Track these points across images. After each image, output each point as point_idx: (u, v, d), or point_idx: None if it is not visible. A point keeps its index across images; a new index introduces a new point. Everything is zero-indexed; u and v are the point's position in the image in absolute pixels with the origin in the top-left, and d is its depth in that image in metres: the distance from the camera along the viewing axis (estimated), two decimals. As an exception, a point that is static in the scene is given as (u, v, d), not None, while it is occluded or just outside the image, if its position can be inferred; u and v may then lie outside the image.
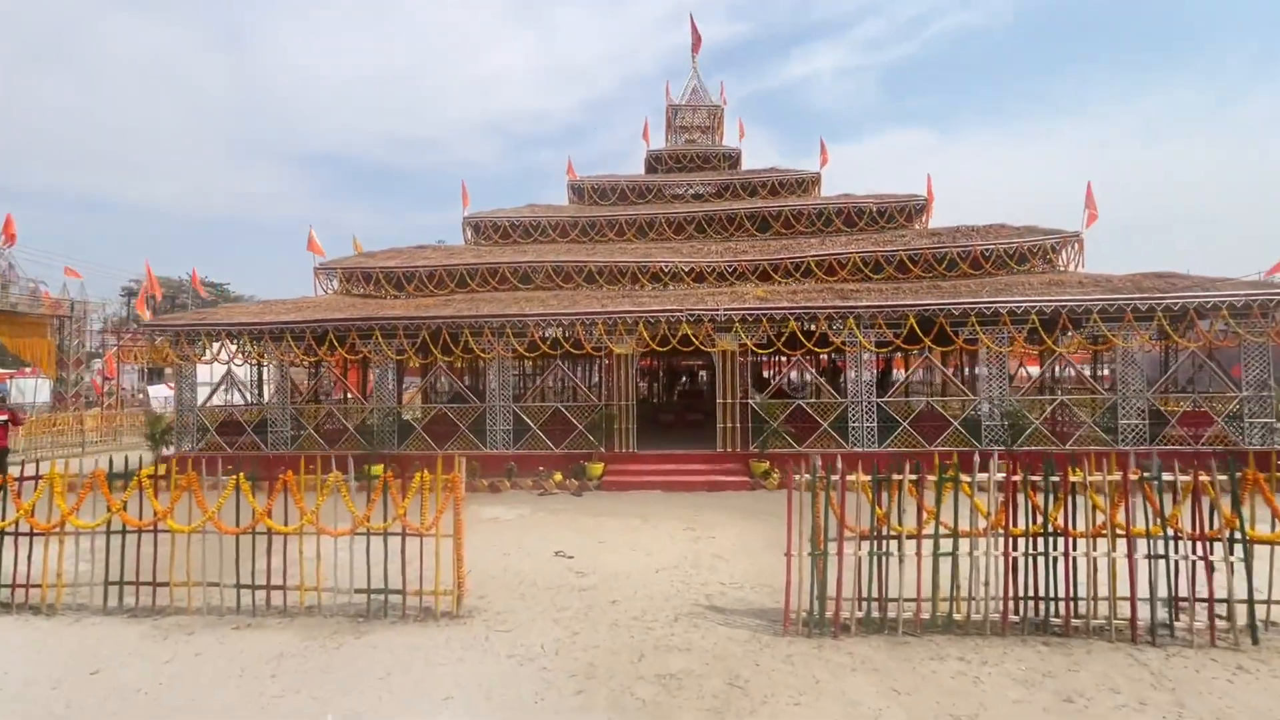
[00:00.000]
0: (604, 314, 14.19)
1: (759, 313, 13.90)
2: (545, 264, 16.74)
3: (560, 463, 14.25)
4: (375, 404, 14.93)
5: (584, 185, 20.69)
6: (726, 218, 18.59)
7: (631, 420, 14.43)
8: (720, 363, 14.28)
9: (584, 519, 10.89)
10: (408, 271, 16.97)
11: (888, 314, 13.69)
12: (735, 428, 14.20)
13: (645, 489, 13.18)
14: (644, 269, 16.54)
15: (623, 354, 14.37)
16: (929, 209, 17.97)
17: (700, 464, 14.05)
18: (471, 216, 19.18)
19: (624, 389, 14.46)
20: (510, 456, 14.35)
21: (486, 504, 12.26)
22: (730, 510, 11.36)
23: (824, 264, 16.20)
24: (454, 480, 6.61)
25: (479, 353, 14.44)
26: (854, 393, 14.00)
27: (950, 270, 15.79)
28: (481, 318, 14.39)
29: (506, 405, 14.63)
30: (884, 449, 13.81)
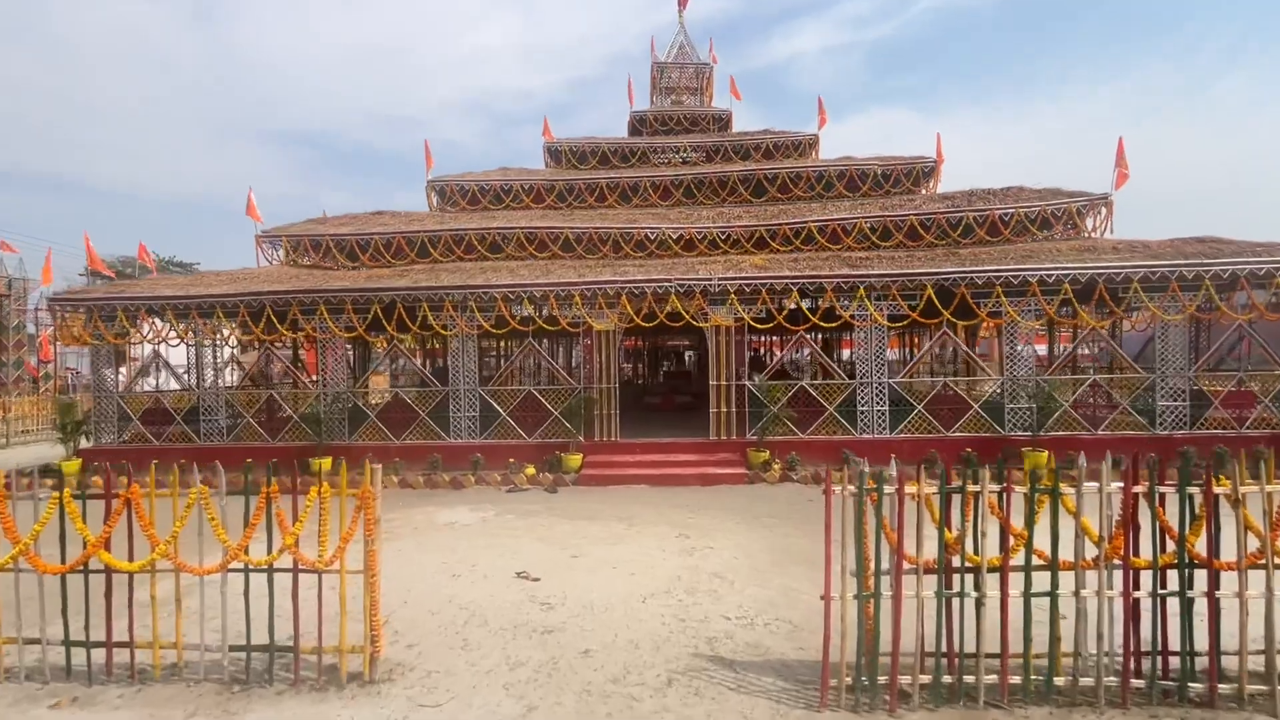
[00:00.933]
0: (582, 285, 12.29)
1: (757, 283, 12.07)
2: (517, 231, 14.75)
3: (533, 454, 12.41)
4: (323, 389, 12.94)
5: (561, 148, 18.63)
6: (718, 181, 16.66)
7: (614, 405, 12.60)
8: (713, 340, 12.46)
9: (557, 523, 9.07)
10: (362, 239, 14.90)
11: (902, 284, 11.92)
12: (730, 412, 12.43)
13: (630, 483, 11.39)
14: (627, 236, 14.61)
15: (604, 331, 12.50)
16: (938, 172, 16.17)
17: (691, 454, 12.28)
18: (436, 180, 17.08)
19: (605, 370, 12.61)
20: (476, 447, 12.48)
21: (446, 504, 10.40)
22: (728, 510, 9.61)
23: (826, 230, 14.37)
24: (364, 495, 4.73)
25: (439, 329, 12.50)
26: (863, 373, 12.26)
27: (966, 237, 14.04)
28: (442, 289, 12.42)
29: (472, 389, 12.72)
30: (896, 435, 12.12)
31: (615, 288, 12.25)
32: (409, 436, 12.76)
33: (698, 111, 20.33)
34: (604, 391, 12.60)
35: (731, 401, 12.43)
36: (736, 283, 12.08)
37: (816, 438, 12.23)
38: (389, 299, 12.49)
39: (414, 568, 7.22)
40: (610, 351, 12.63)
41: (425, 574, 7.00)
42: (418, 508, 10.21)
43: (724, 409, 12.43)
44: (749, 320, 12.18)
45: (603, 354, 12.63)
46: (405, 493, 11.43)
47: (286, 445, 12.84)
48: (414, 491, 11.50)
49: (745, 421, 12.39)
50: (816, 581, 6.35)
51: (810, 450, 12.14)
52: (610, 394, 12.61)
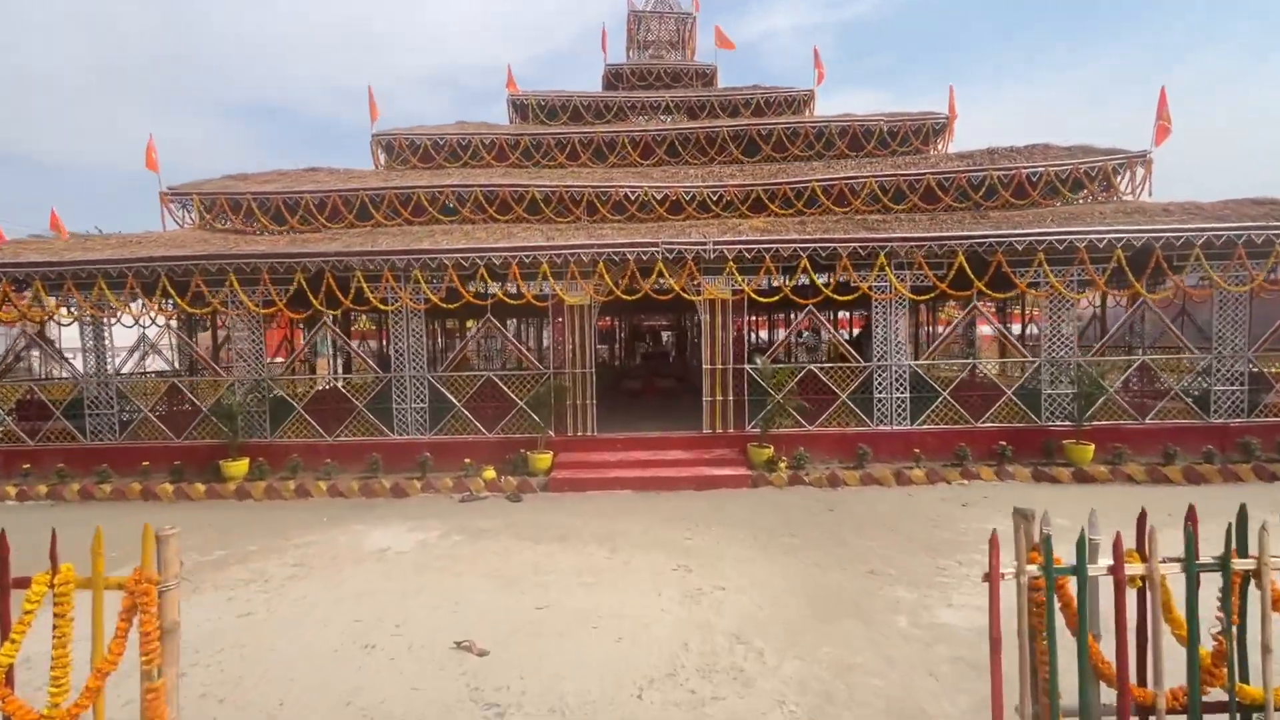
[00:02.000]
0: (550, 249, 10.04)
1: (760, 248, 9.96)
2: (474, 189, 12.37)
3: (493, 452, 10.22)
4: (240, 376, 10.51)
5: (528, 102, 16.18)
6: (705, 138, 14.44)
7: (589, 393, 10.45)
8: (707, 317, 10.36)
9: (518, 549, 6.94)
10: (290, 198, 12.37)
11: (930, 249, 9.93)
12: (727, 401, 10.37)
13: (610, 488, 9.29)
14: (603, 196, 12.35)
15: (577, 305, 10.30)
16: (950, 129, 14.19)
17: (683, 450, 10.21)
18: (382, 134, 14.52)
19: (579, 352, 10.43)
20: (425, 445, 10.24)
21: (381, 520, 8.17)
22: (734, 525, 7.58)
23: (832, 191, 12.31)
24: (137, 588, 2.51)
25: (377, 303, 10.14)
26: (880, 355, 10.29)
27: (989, 199, 12.11)
28: (380, 255, 10.06)
29: (420, 376, 10.43)
30: (918, 427, 10.21)
31: (591, 254, 10.04)
32: (344, 433, 10.45)
33: (680, 66, 17.99)
34: (578, 377, 10.43)
35: (728, 389, 10.37)
36: (736, 247, 9.96)
37: (827, 430, 10.27)
38: (315, 267, 10.09)
39: (311, 633, 5.03)
40: (585, 330, 10.44)
41: (324, 644, 4.81)
42: (345, 526, 7.97)
43: (720, 397, 10.37)
44: (750, 293, 10.08)
45: (576, 333, 10.43)
46: (335, 504, 9.15)
47: (194, 444, 10.44)
48: (346, 502, 9.23)
49: (745, 412, 10.36)
50: (881, 648, 4.36)
51: (820, 445, 10.18)
52: (586, 380, 10.45)
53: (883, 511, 7.99)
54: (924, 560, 6.31)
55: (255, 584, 6.17)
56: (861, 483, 9.21)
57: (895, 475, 9.22)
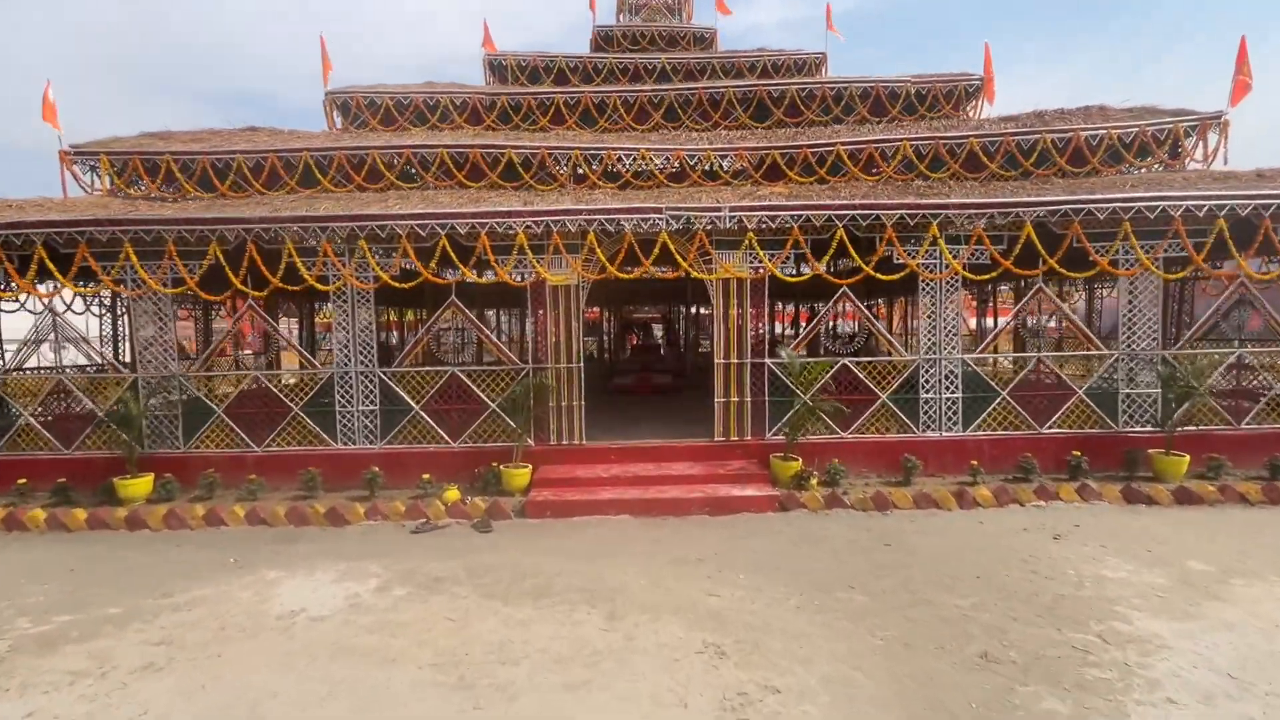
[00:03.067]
0: (529, 215, 7.99)
1: (788, 215, 7.98)
2: (440, 150, 10.25)
3: (459, 465, 8.18)
4: (144, 373, 8.34)
5: (506, 62, 14.04)
6: (709, 101, 12.40)
7: (577, 392, 8.42)
8: (720, 300, 8.36)
9: (481, 614, 4.93)
10: (220, 160, 10.16)
11: (992, 219, 8.01)
12: (744, 403, 8.40)
13: (603, 512, 7.28)
14: (593, 159, 10.29)
15: (562, 286, 8.27)
16: (989, 91, 12.27)
17: (691, 462, 8.23)
18: (338, 92, 12.32)
19: (565, 343, 8.40)
20: (374, 457, 8.17)
21: (304, 561, 6.10)
22: (770, 571, 5.62)
23: (860, 155, 10.35)
24: None
25: (313, 281, 8.02)
26: (929, 346, 8.38)
27: (1041, 166, 10.22)
28: (314, 220, 7.95)
29: (369, 372, 8.34)
30: (973, 433, 8.32)
31: (578, 222, 8.00)
32: (276, 442, 8.34)
33: (676, 29, 15.89)
34: (563, 374, 8.41)
35: (745, 387, 8.39)
36: (756, 215, 7.97)
37: (864, 438, 8.35)
38: (235, 237, 7.94)
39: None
40: (572, 316, 8.41)
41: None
42: (254, 571, 5.89)
43: (735, 398, 8.39)
44: (774, 271, 8.10)
45: (561, 320, 8.40)
46: (254, 535, 7.05)
47: (89, 456, 8.28)
48: (269, 532, 7.13)
49: (765, 416, 8.39)
50: None
51: (856, 455, 8.27)
52: (572, 377, 8.42)
53: (956, 548, 6.07)
54: (1051, 634, 4.39)
55: (87, 681, 4.11)
56: (915, 504, 7.29)
57: (956, 495, 7.31)
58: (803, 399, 7.99)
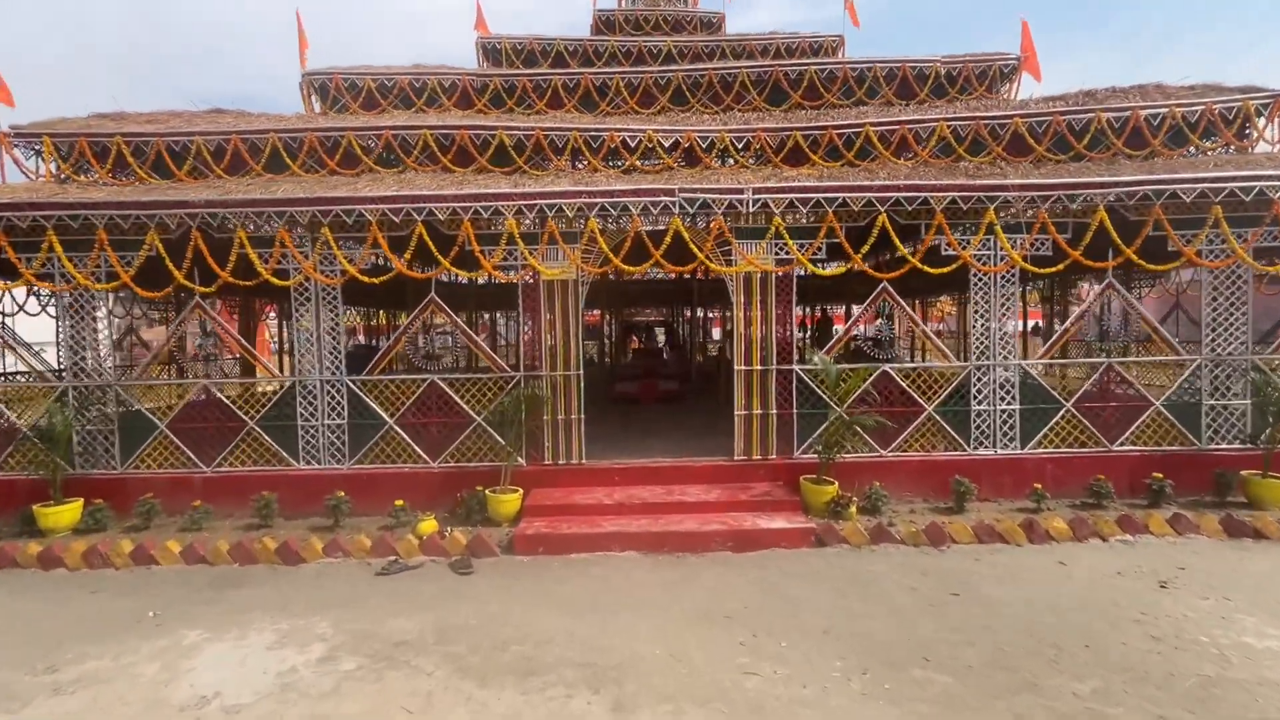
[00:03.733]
0: (519, 198, 6.80)
1: (822, 198, 6.78)
2: (422, 131, 9.05)
3: (439, 489, 6.97)
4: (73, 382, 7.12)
5: (501, 46, 12.85)
6: (720, 82, 11.21)
7: (575, 404, 7.21)
8: (741, 297, 7.15)
9: (450, 702, 3.70)
10: (176, 143, 8.95)
11: (1060, 203, 6.81)
12: (769, 416, 7.18)
13: (605, 548, 6.05)
14: (593, 142, 9.09)
15: (558, 280, 7.06)
16: (1034, 66, 11.07)
17: (708, 485, 7.01)
18: (315, 74, 11.14)
19: (562, 346, 7.19)
20: (341, 479, 6.95)
21: (237, 618, 4.87)
22: (819, 635, 4.39)
23: (891, 137, 9.14)
24: None
25: (267, 275, 6.81)
26: (981, 351, 7.17)
27: (1096, 147, 8.99)
28: (269, 205, 6.76)
29: (335, 380, 7.13)
30: (1033, 451, 7.11)
31: (577, 206, 6.81)
32: (228, 461, 7.12)
33: (681, 13, 14.71)
34: (560, 382, 7.19)
35: (770, 398, 7.17)
36: (785, 197, 6.77)
37: (906, 457, 7.13)
38: (177, 224, 6.74)
39: None
40: (570, 316, 7.19)
41: None
42: (172, 633, 4.67)
43: (758, 410, 7.17)
44: (805, 261, 6.89)
45: (558, 321, 7.18)
46: (190, 575, 5.83)
47: (10, 478, 7.06)
48: (208, 572, 5.90)
49: (793, 431, 7.17)
50: None
51: (898, 477, 7.06)
52: (571, 386, 7.21)
53: (1044, 601, 4.85)
54: (1221, 746, 3.17)
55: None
56: (977, 538, 6.06)
57: (1025, 528, 6.08)
58: (838, 411, 6.77)
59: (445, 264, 6.79)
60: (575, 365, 7.18)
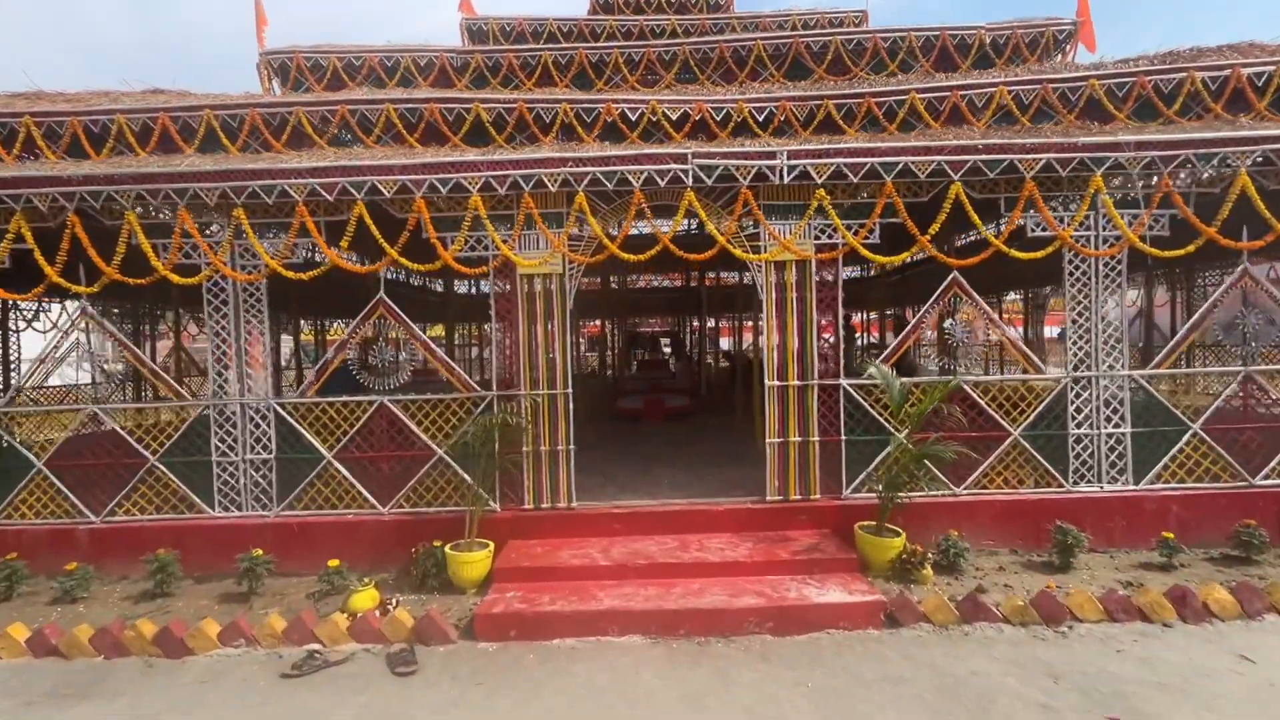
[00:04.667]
0: (487, 168, 5.21)
1: (876, 163, 5.17)
2: (385, 106, 7.51)
3: (390, 541, 5.34)
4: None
5: (487, 27, 11.36)
6: (734, 56, 9.69)
7: (563, 431, 5.56)
8: (772, 292, 5.52)
9: None
10: (95, 122, 7.44)
11: (1188, 167, 5.17)
12: (810, 444, 5.51)
13: (600, 630, 4.37)
14: (586, 115, 7.54)
15: (538, 274, 5.45)
16: (1088, 34, 9.48)
17: (732, 535, 5.33)
18: (274, 53, 9.65)
19: (545, 360, 5.55)
20: (269, 529, 5.33)
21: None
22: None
23: (939, 107, 7.54)
24: None
25: (164, 270, 5.23)
26: (1079, 360, 5.50)
27: (1187, 114, 7.35)
28: (166, 181, 5.18)
29: (261, 403, 5.52)
30: (1150, 487, 5.42)
31: (562, 176, 5.21)
32: (123, 508, 5.51)
33: (686, -7, 13.23)
34: (544, 404, 5.55)
35: (809, 422, 5.51)
36: (831, 163, 5.16)
37: (987, 495, 5.45)
38: (51, 206, 5.18)
39: None
40: (556, 319, 5.56)
41: None
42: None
43: (796, 438, 5.50)
44: (857, 245, 5.26)
45: (540, 325, 5.56)
46: (30, 676, 4.18)
47: None
48: (57, 670, 4.26)
49: (841, 463, 5.50)
50: None
51: (976, 521, 5.38)
52: (557, 408, 5.57)
53: (1255, 733, 3.15)
54: None
55: None
56: (1107, 614, 4.36)
57: (1175, 600, 4.36)
58: (899, 438, 5.11)
59: (392, 253, 5.18)
60: (562, 382, 5.54)
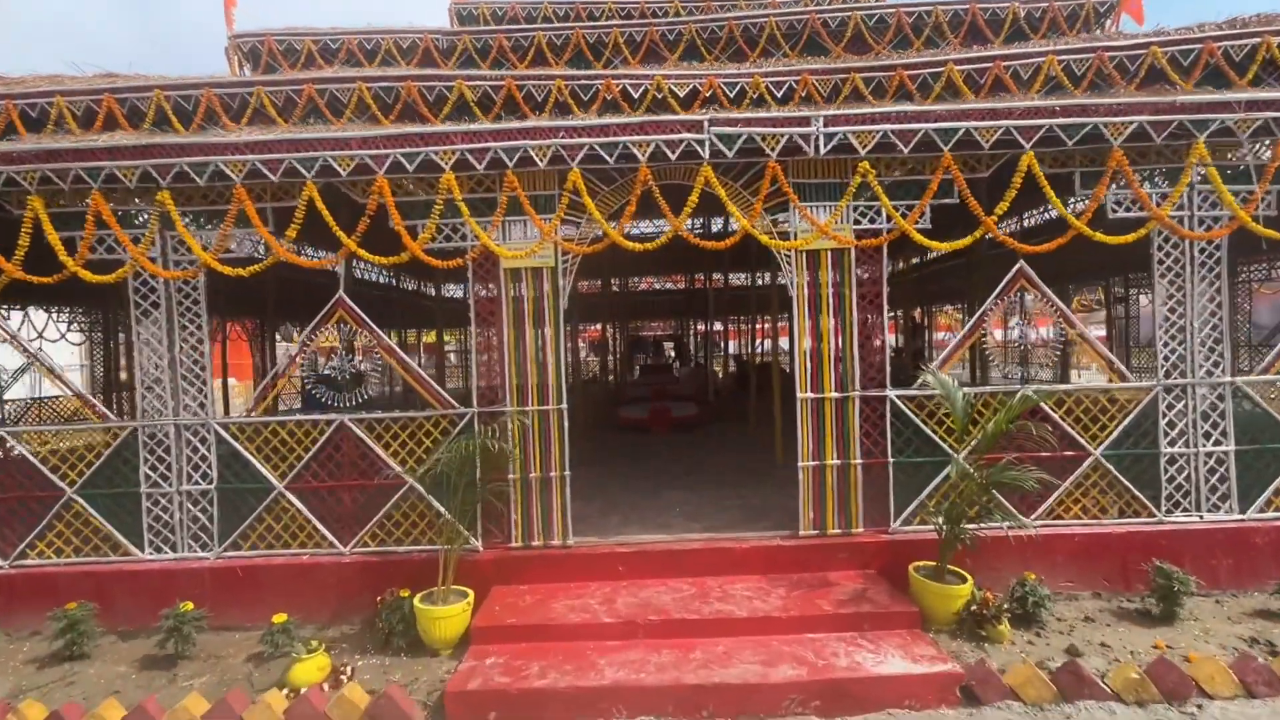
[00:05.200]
0: (462, 141, 4.29)
1: (931, 128, 4.24)
2: (357, 85, 6.59)
3: (351, 587, 4.41)
4: None
5: (478, 12, 10.47)
6: (744, 34, 8.78)
7: (556, 454, 4.62)
8: (804, 287, 4.58)
9: None
10: (31, 105, 6.53)
11: (1306, 127, 4.25)
12: (852, 467, 4.57)
13: (602, 713, 3.43)
14: (582, 93, 6.59)
15: (526, 268, 4.53)
16: (1134, 5, 8.56)
17: (760, 578, 4.39)
18: (244, 36, 8.80)
19: (535, 370, 4.62)
20: (209, 574, 4.40)
21: None
22: None
23: (980, 80, 6.59)
24: None
25: (75, 266, 4.32)
26: (1171, 365, 4.56)
27: (1259, 84, 6.42)
28: (75, 159, 4.28)
29: (200, 424, 4.59)
30: (1258, 517, 4.47)
31: (553, 150, 4.29)
32: (35, 549, 4.59)
33: (690, -23, 12.35)
34: (534, 423, 4.62)
35: (850, 442, 4.57)
36: (878, 129, 4.24)
37: (1064, 527, 4.51)
38: (-59, 190, 4.29)
39: None
40: (547, 321, 4.63)
41: None
42: None
43: (835, 460, 4.56)
44: (909, 229, 4.34)
45: (528, 329, 4.63)
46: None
47: None
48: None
49: (888, 489, 4.56)
50: None
51: (1050, 558, 4.45)
52: (550, 428, 4.63)
53: None
54: None
55: None
56: (1244, 688, 3.42)
57: (1324, 667, 3.43)
58: (958, 462, 4.18)
59: (349, 243, 4.27)
60: (555, 396, 4.62)
